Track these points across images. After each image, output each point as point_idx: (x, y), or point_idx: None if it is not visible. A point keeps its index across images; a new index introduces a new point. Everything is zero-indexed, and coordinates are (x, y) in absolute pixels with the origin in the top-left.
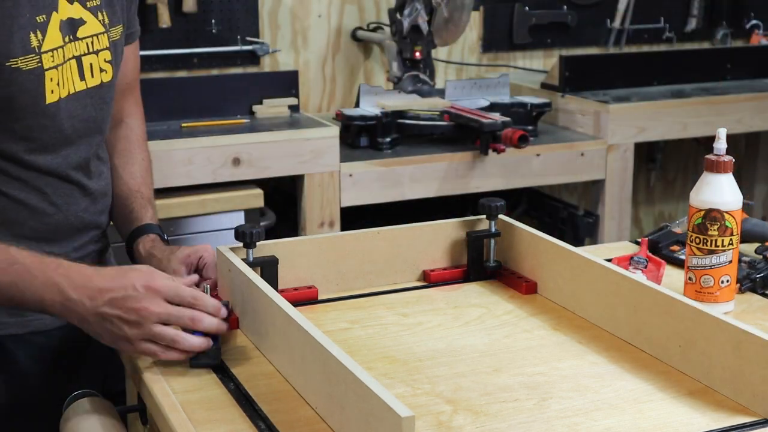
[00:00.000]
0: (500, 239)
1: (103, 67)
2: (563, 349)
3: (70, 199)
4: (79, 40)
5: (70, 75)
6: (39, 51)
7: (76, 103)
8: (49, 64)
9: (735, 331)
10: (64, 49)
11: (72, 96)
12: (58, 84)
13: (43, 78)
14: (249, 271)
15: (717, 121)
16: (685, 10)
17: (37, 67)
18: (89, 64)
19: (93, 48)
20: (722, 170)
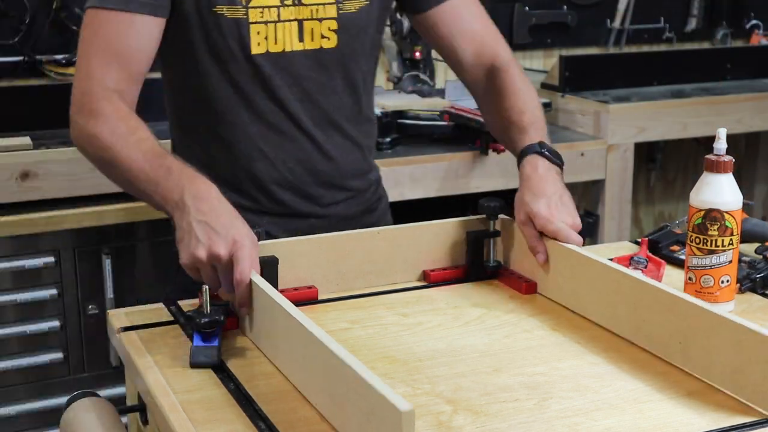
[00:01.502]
0: (500, 239)
1: (326, 35)
2: (563, 349)
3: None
4: (303, 5)
5: (287, 34)
6: (246, 4)
7: (288, 61)
8: (256, 18)
9: (736, 327)
10: (280, 10)
11: (285, 53)
12: (266, 38)
13: (248, 29)
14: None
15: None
16: (685, 10)
17: (242, 18)
18: (310, 28)
19: (316, 15)
20: (722, 170)
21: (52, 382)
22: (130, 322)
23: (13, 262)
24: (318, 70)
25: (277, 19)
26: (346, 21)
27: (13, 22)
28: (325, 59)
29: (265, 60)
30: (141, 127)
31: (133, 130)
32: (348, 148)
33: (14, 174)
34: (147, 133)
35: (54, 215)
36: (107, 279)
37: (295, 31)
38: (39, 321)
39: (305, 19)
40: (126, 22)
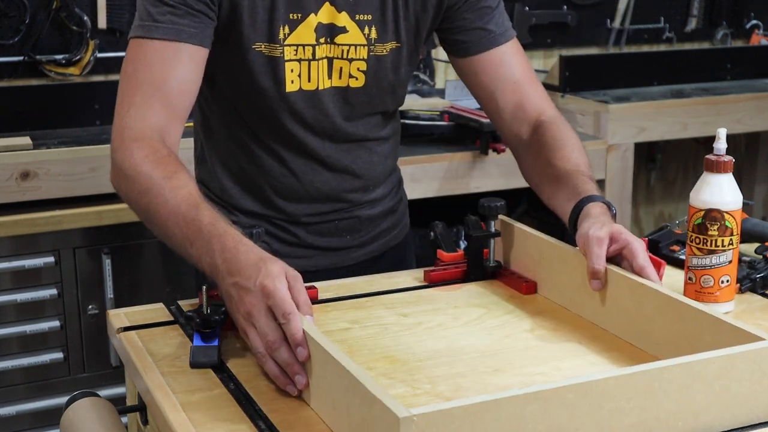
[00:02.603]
0: (500, 239)
1: (354, 75)
2: (563, 349)
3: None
4: (334, 44)
5: (318, 73)
6: (282, 43)
7: (319, 98)
8: (291, 56)
9: (735, 331)
10: (315, 48)
11: (316, 92)
12: (299, 76)
13: (283, 67)
14: None
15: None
16: (685, 10)
17: (278, 57)
18: (339, 67)
19: (347, 55)
20: (722, 170)
21: (52, 382)
22: (130, 322)
23: (13, 262)
24: (345, 107)
25: (311, 57)
26: (375, 62)
27: (13, 22)
28: (352, 97)
29: (297, 97)
30: (178, 171)
31: (170, 175)
32: (375, 163)
33: (14, 174)
34: (184, 179)
35: (54, 215)
36: (107, 279)
37: (325, 69)
38: (39, 321)
39: (336, 57)
40: (172, 53)
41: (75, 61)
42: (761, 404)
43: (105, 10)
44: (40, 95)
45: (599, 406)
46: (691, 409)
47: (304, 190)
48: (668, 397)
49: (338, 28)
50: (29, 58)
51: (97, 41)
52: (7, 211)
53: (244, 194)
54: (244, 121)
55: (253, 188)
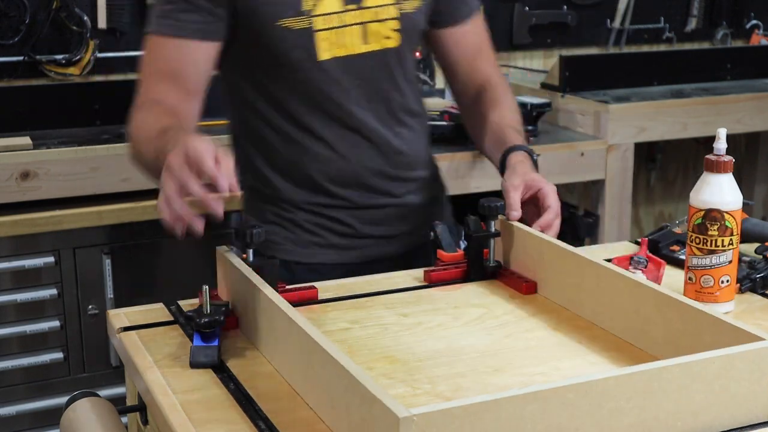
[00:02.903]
0: (500, 239)
1: (388, 35)
2: (563, 349)
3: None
4: (363, 8)
5: (352, 38)
6: (309, 14)
7: (355, 63)
8: (321, 26)
9: (735, 331)
10: (343, 15)
11: (350, 57)
12: (333, 44)
13: (314, 37)
14: (249, 271)
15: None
16: (685, 10)
17: (307, 29)
18: (374, 30)
19: (379, 17)
20: (722, 170)
21: (52, 382)
22: (130, 322)
23: (13, 262)
24: (382, 70)
25: (341, 24)
26: (406, 20)
27: (13, 22)
28: (388, 58)
29: (332, 65)
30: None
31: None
32: (414, 140)
33: (14, 174)
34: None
35: (54, 215)
36: (107, 279)
37: (359, 35)
38: (39, 321)
39: (368, 21)
40: (179, 47)
41: (75, 61)
42: (761, 404)
43: (105, 10)
44: (40, 95)
45: (599, 406)
46: (690, 409)
47: (352, 170)
48: (668, 397)
49: None
50: (29, 58)
51: (97, 41)
52: (7, 211)
53: (297, 189)
54: (285, 108)
55: (305, 180)
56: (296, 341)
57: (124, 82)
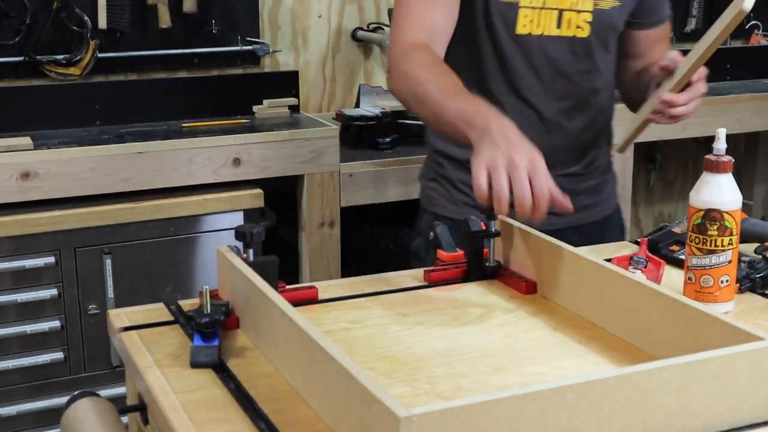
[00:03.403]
0: (500, 239)
1: (580, 25)
2: (563, 349)
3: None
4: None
5: (548, 21)
6: None
7: (547, 44)
8: (526, 3)
9: (735, 331)
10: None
11: (544, 37)
12: (531, 21)
13: (517, 12)
14: (249, 271)
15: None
16: (685, 10)
17: (513, 2)
18: (568, 18)
19: (576, 7)
20: (722, 170)
21: (52, 382)
22: (131, 322)
23: (13, 262)
24: (570, 56)
25: (542, 6)
26: (599, 16)
27: (14, 22)
28: (577, 47)
29: (526, 40)
30: (450, 71)
31: (445, 72)
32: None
33: (14, 174)
34: (455, 77)
35: (54, 215)
36: (107, 279)
37: (555, 19)
38: (39, 321)
39: (565, 9)
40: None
41: (75, 61)
42: (760, 404)
43: (105, 10)
44: (41, 95)
45: (599, 406)
46: (690, 409)
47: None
48: (668, 397)
49: None
50: (30, 58)
51: (98, 41)
52: (8, 211)
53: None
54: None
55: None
56: (296, 341)
57: (124, 82)
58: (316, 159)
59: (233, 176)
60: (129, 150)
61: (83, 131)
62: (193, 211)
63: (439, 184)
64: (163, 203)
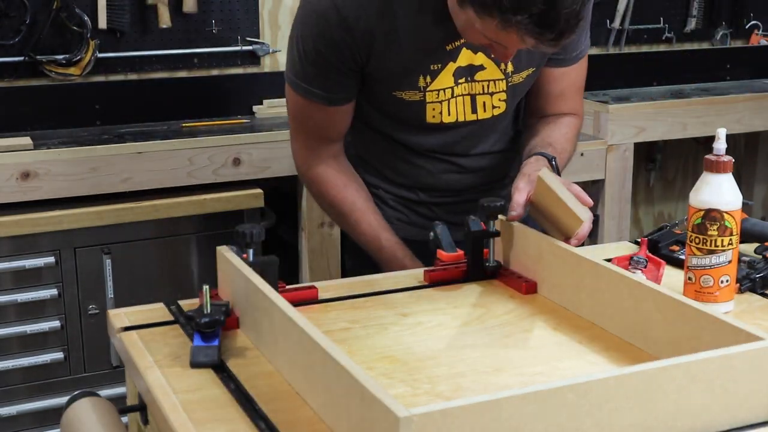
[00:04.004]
0: (500, 239)
1: (496, 105)
2: (563, 349)
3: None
4: (475, 82)
5: (460, 108)
6: (424, 90)
7: (462, 126)
8: (432, 99)
9: (735, 331)
10: (453, 89)
11: (459, 122)
12: (440, 113)
13: (425, 107)
14: (249, 271)
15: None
16: (685, 10)
17: (419, 100)
18: (482, 102)
19: (488, 90)
20: (722, 170)
21: (52, 382)
22: (130, 322)
23: (13, 262)
24: (488, 130)
25: (450, 96)
26: (514, 90)
27: (14, 22)
28: (496, 122)
29: (438, 127)
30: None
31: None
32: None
33: (14, 174)
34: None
35: (54, 215)
36: (107, 279)
37: (468, 105)
38: (39, 321)
39: (477, 94)
40: (329, 111)
41: (75, 61)
42: (761, 404)
43: (105, 11)
44: (41, 95)
45: (599, 406)
46: (690, 409)
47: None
48: (668, 397)
49: (476, 67)
50: (30, 58)
51: (98, 41)
52: (7, 211)
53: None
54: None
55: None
56: (296, 341)
57: (124, 82)
58: None
59: (233, 176)
60: (129, 150)
61: (83, 131)
62: (193, 211)
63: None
64: (163, 203)
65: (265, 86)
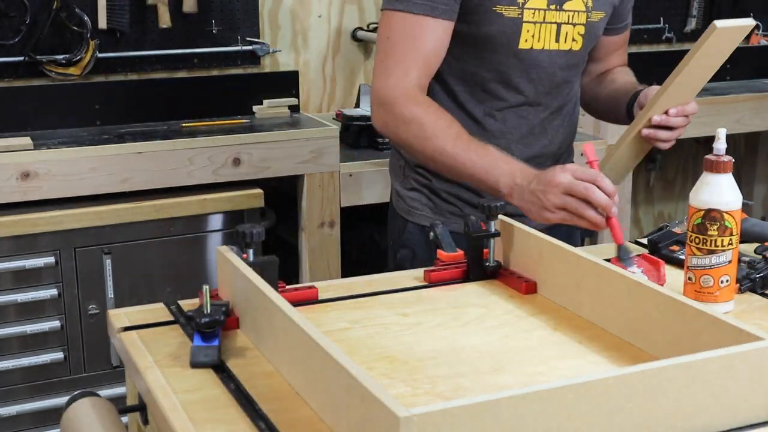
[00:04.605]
0: (500, 239)
1: (575, 38)
2: (563, 349)
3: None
4: (562, 11)
5: (547, 35)
6: (522, 6)
7: (546, 58)
8: (529, 18)
9: (735, 331)
10: (545, 12)
11: (544, 51)
12: (533, 36)
13: (521, 27)
14: (249, 271)
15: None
16: (685, 10)
17: (517, 17)
18: (565, 32)
19: (572, 20)
20: (722, 170)
21: (52, 382)
22: (131, 322)
23: (13, 262)
24: (565, 68)
25: (542, 20)
26: (590, 28)
27: (14, 22)
28: (571, 59)
29: (527, 55)
30: (453, 121)
31: (448, 123)
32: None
33: (14, 174)
34: (459, 126)
35: (54, 215)
36: (107, 279)
37: (554, 33)
38: (39, 321)
39: (563, 23)
40: (430, 26)
41: (75, 61)
42: (761, 404)
43: (105, 11)
44: (41, 95)
45: (599, 406)
46: (690, 409)
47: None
48: (668, 397)
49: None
50: (30, 58)
51: (98, 41)
52: (7, 211)
53: None
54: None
55: None
56: (296, 341)
57: (124, 82)
58: (316, 159)
59: (233, 176)
60: (129, 150)
61: (83, 131)
62: (193, 211)
63: (421, 194)
64: (163, 203)
65: (265, 86)
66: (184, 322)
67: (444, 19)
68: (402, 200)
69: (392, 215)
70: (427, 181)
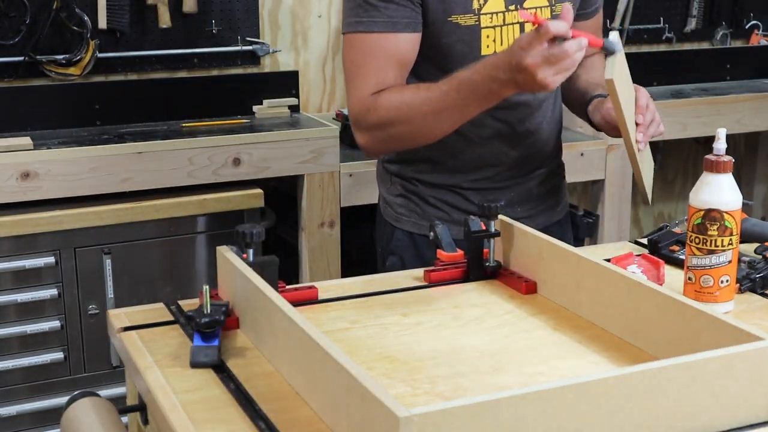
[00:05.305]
0: (500, 239)
1: None
2: (563, 349)
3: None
4: (523, 9)
5: (511, 36)
6: (478, 12)
7: None
8: (487, 23)
9: (735, 331)
10: (504, 15)
11: None
12: (494, 41)
13: (479, 34)
14: (249, 271)
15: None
16: (685, 10)
17: (473, 25)
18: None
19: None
20: (722, 170)
21: (52, 382)
22: (131, 322)
23: (13, 262)
24: None
25: (502, 23)
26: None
27: (14, 23)
28: None
29: None
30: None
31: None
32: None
33: (14, 174)
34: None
35: (54, 215)
36: (107, 279)
37: (517, 34)
38: (39, 321)
39: (525, 22)
40: (391, 41)
41: (75, 61)
42: (761, 404)
43: (105, 11)
44: (41, 95)
45: (599, 406)
46: (690, 409)
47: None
48: (668, 397)
49: None
50: (30, 58)
51: (98, 41)
52: (8, 211)
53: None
54: None
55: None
56: (296, 341)
57: (124, 82)
58: (316, 159)
59: (233, 176)
60: (129, 150)
61: (83, 131)
62: (193, 211)
63: (408, 200)
64: (163, 203)
65: (265, 86)
66: (184, 322)
67: (408, 32)
68: (389, 207)
69: (380, 222)
70: (414, 187)
